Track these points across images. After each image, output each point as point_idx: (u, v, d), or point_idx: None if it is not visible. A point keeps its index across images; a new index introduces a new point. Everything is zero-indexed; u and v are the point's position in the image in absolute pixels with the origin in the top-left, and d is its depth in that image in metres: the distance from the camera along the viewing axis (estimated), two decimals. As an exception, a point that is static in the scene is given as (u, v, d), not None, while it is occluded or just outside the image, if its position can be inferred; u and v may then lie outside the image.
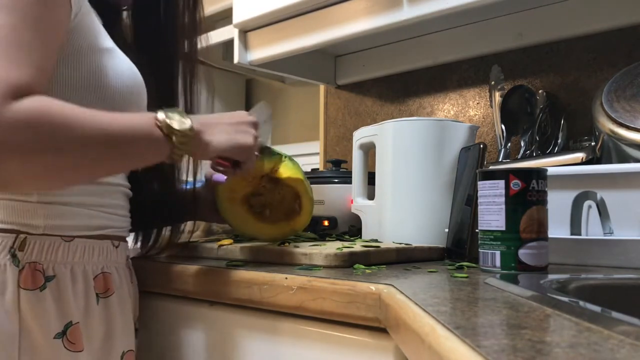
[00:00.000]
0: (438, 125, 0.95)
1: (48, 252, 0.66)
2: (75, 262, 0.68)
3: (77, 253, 0.69)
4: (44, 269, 0.66)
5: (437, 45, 1.36)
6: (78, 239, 0.69)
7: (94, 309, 0.69)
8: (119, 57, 0.71)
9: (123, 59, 0.72)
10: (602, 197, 0.81)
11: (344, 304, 0.58)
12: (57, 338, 0.65)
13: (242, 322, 0.72)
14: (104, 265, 0.72)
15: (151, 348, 0.84)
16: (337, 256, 0.72)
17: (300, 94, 1.81)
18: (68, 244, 0.68)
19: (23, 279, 0.64)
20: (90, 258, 0.70)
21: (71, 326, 0.66)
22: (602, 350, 0.32)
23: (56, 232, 0.67)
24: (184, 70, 0.84)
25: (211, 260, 0.83)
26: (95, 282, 0.70)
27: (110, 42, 0.71)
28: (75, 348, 0.66)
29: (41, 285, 0.65)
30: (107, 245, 0.73)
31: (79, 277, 0.68)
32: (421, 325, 0.42)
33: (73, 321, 0.67)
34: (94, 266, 0.71)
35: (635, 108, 0.87)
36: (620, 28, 1.10)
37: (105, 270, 0.72)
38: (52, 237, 0.67)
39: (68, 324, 0.66)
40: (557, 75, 1.19)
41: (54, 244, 0.67)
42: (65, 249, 0.68)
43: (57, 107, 0.52)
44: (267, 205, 0.88)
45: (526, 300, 0.48)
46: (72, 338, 0.66)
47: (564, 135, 1.12)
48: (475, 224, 0.77)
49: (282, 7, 1.25)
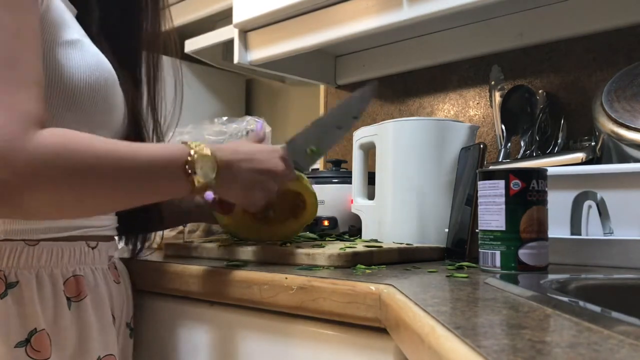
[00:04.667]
0: (438, 125, 0.95)
1: (9, 257, 0.64)
2: (41, 265, 0.66)
3: (43, 257, 0.66)
4: (5, 276, 0.63)
5: (437, 45, 1.36)
6: (44, 242, 0.66)
7: (65, 314, 0.66)
8: (83, 49, 0.67)
9: (89, 52, 0.68)
10: (602, 197, 0.81)
11: (344, 304, 0.58)
12: (19, 347, 0.62)
13: (242, 322, 0.72)
14: (75, 268, 0.69)
15: (150, 348, 0.84)
16: (341, 256, 0.72)
17: (300, 94, 1.82)
18: (32, 248, 0.65)
19: None
20: (59, 261, 0.67)
21: (36, 333, 0.63)
22: (602, 350, 0.32)
23: (18, 236, 0.65)
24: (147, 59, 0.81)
25: (211, 260, 0.82)
26: (65, 286, 0.67)
27: (76, 34, 0.67)
28: (40, 356, 0.63)
29: (1, 292, 0.62)
30: (81, 247, 0.70)
31: (45, 281, 0.65)
32: (421, 325, 0.42)
33: (38, 328, 0.63)
34: (63, 269, 0.68)
35: (635, 108, 0.87)
36: (620, 28, 1.10)
37: (78, 272, 0.69)
38: (14, 242, 0.64)
39: (32, 331, 0.63)
40: (557, 75, 1.19)
41: (15, 249, 0.64)
42: (30, 254, 0.65)
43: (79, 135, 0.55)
44: (269, 207, 0.88)
45: (526, 300, 0.48)
46: (37, 346, 0.63)
47: (564, 135, 1.12)
48: (475, 224, 0.76)
49: (282, 7, 1.25)
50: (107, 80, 0.68)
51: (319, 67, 1.57)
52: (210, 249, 0.85)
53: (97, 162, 0.55)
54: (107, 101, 0.68)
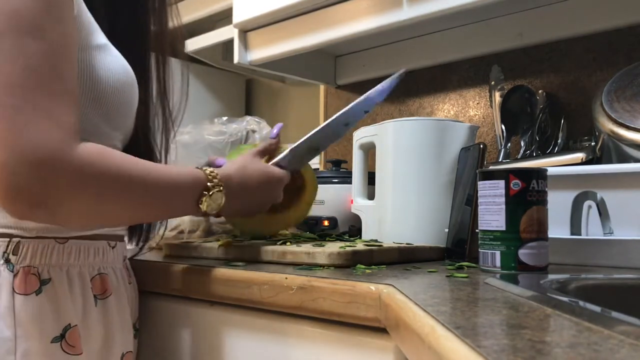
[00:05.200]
0: (438, 125, 0.95)
1: (42, 255, 0.65)
2: (71, 264, 0.67)
3: (72, 255, 0.68)
4: (39, 273, 0.65)
5: (437, 45, 1.36)
6: (72, 240, 0.68)
7: (93, 311, 0.69)
8: (111, 53, 0.69)
9: (115, 55, 0.69)
10: (602, 197, 0.81)
11: (344, 304, 0.58)
12: (54, 342, 0.64)
13: (242, 322, 0.72)
14: (100, 267, 0.71)
15: (151, 348, 0.84)
16: (341, 255, 0.72)
17: (300, 94, 1.82)
18: (62, 245, 0.67)
19: (17, 283, 0.63)
20: (86, 259, 0.69)
21: (70, 329, 0.65)
22: (602, 350, 0.32)
23: (49, 234, 0.66)
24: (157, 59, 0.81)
25: (211, 260, 0.83)
26: (92, 284, 0.69)
27: (103, 39, 0.68)
28: (74, 351, 0.65)
29: (37, 289, 0.64)
30: (103, 246, 0.72)
31: (75, 279, 0.67)
32: (421, 325, 0.42)
33: (72, 324, 0.65)
34: (90, 267, 0.70)
35: (635, 108, 0.87)
36: (620, 28, 1.10)
37: (102, 271, 0.71)
38: (46, 240, 0.66)
39: (67, 327, 0.65)
40: (557, 75, 1.19)
41: (47, 247, 0.66)
42: (60, 251, 0.67)
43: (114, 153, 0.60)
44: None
45: (526, 300, 0.48)
46: (71, 341, 0.65)
47: (564, 135, 1.12)
48: (475, 224, 0.76)
49: (282, 7, 1.25)
50: (132, 85, 0.71)
51: (319, 67, 1.57)
52: (210, 249, 0.85)
53: (129, 180, 0.60)
54: (128, 105, 0.70)
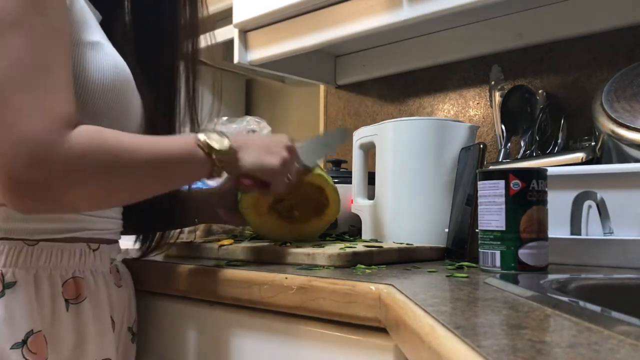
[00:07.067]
0: (438, 125, 0.95)
1: (8, 257, 0.63)
2: (40, 266, 0.65)
3: (42, 257, 0.65)
4: (3, 275, 0.62)
5: (437, 45, 1.36)
6: (43, 242, 0.65)
7: (62, 316, 0.66)
8: (104, 51, 0.67)
9: (109, 54, 0.68)
10: (602, 197, 0.81)
11: (344, 304, 0.58)
12: (14, 348, 0.61)
13: (242, 322, 0.72)
14: (76, 270, 0.68)
15: (151, 348, 0.84)
16: (341, 256, 0.72)
17: (300, 94, 1.81)
18: (31, 248, 0.65)
19: None
20: (59, 262, 0.66)
21: (32, 335, 0.62)
22: (602, 350, 0.32)
23: (17, 235, 0.64)
24: (186, 69, 0.81)
25: (211, 260, 0.82)
26: (64, 288, 0.66)
27: (97, 36, 0.67)
28: (37, 358, 0.62)
29: None
30: (82, 248, 0.69)
31: (44, 282, 0.65)
32: (421, 325, 0.42)
33: (35, 329, 0.63)
34: (62, 270, 0.67)
35: (635, 108, 0.87)
36: (620, 28, 1.10)
37: (77, 274, 0.68)
38: (13, 241, 0.64)
39: (29, 332, 0.62)
40: (557, 75, 1.19)
41: (14, 249, 0.64)
42: (28, 253, 0.64)
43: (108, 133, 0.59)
44: (294, 207, 0.89)
45: (526, 300, 0.48)
46: (34, 347, 0.62)
47: (564, 135, 1.12)
48: (475, 224, 0.76)
49: (282, 7, 1.25)
50: (124, 84, 0.69)
51: (319, 67, 1.57)
52: (210, 249, 0.85)
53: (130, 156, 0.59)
54: (121, 106, 0.68)
